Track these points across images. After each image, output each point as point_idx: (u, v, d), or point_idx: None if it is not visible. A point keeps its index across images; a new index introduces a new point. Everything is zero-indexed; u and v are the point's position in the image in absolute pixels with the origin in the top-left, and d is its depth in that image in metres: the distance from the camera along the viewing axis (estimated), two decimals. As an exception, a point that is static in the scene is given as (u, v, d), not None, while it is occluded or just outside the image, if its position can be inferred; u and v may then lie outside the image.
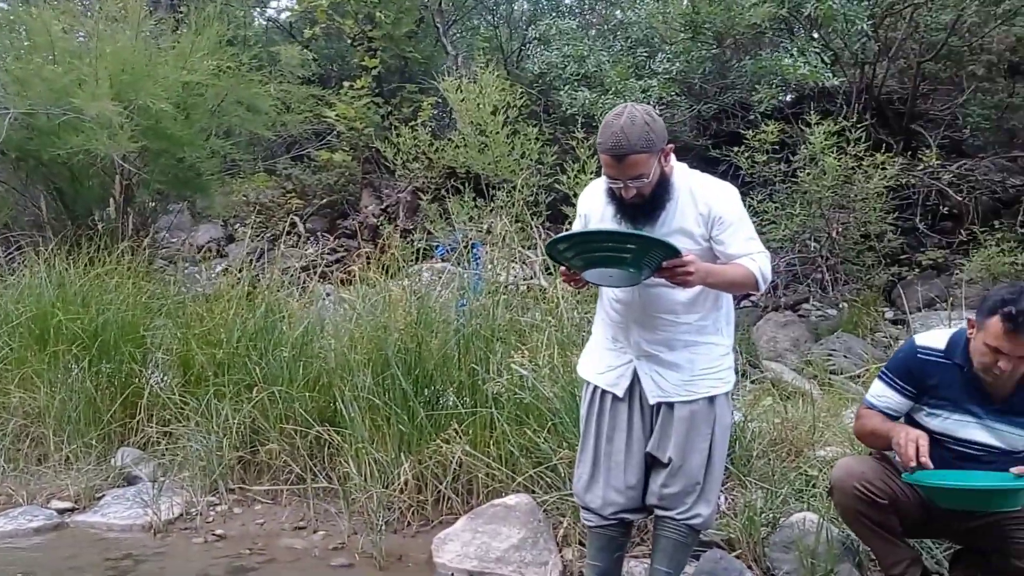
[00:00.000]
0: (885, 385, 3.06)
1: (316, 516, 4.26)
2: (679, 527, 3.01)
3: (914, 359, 3.01)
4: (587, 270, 2.82)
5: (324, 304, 5.34)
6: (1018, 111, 8.37)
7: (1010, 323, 2.72)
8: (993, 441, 2.93)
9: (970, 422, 2.95)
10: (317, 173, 9.56)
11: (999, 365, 2.78)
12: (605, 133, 2.81)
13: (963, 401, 2.94)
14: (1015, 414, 2.90)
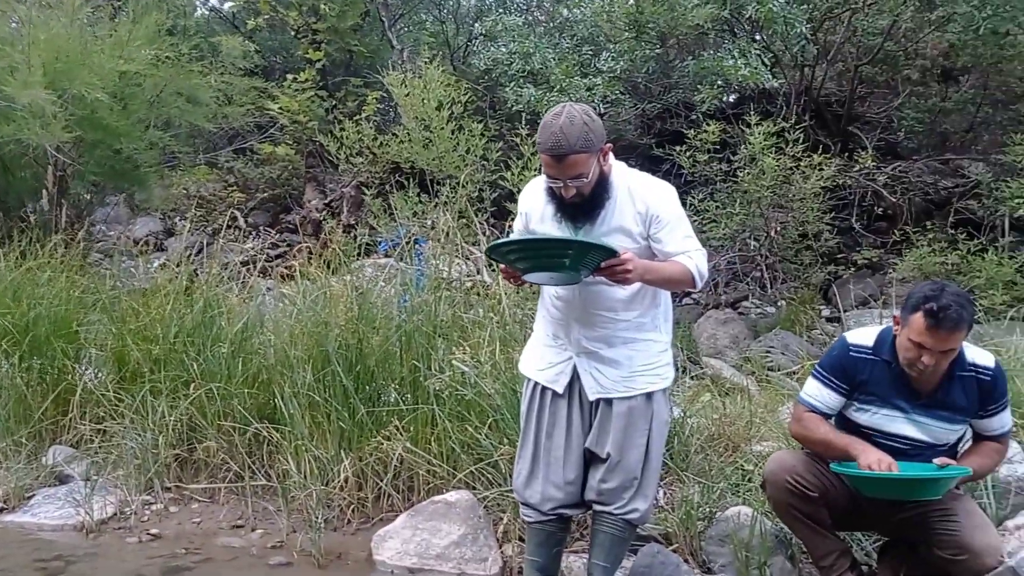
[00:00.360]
0: (820, 384, 3.12)
1: (254, 514, 4.21)
2: (616, 522, 3.05)
3: (846, 356, 3.08)
4: (528, 272, 2.85)
5: (264, 300, 5.27)
6: (950, 115, 8.61)
7: (932, 319, 2.81)
8: (919, 435, 3.02)
9: (897, 417, 3.03)
10: (260, 167, 9.44)
11: (923, 360, 2.86)
12: (544, 133, 2.83)
13: (891, 396, 3.02)
14: (939, 408, 2.99)
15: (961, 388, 2.98)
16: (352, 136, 7.78)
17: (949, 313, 2.79)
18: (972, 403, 2.99)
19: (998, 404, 3.01)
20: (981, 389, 2.98)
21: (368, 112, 8.22)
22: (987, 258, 6.43)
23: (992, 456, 3.07)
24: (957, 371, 2.97)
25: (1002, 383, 3.01)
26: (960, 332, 2.83)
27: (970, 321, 2.84)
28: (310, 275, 5.08)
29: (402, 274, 5.07)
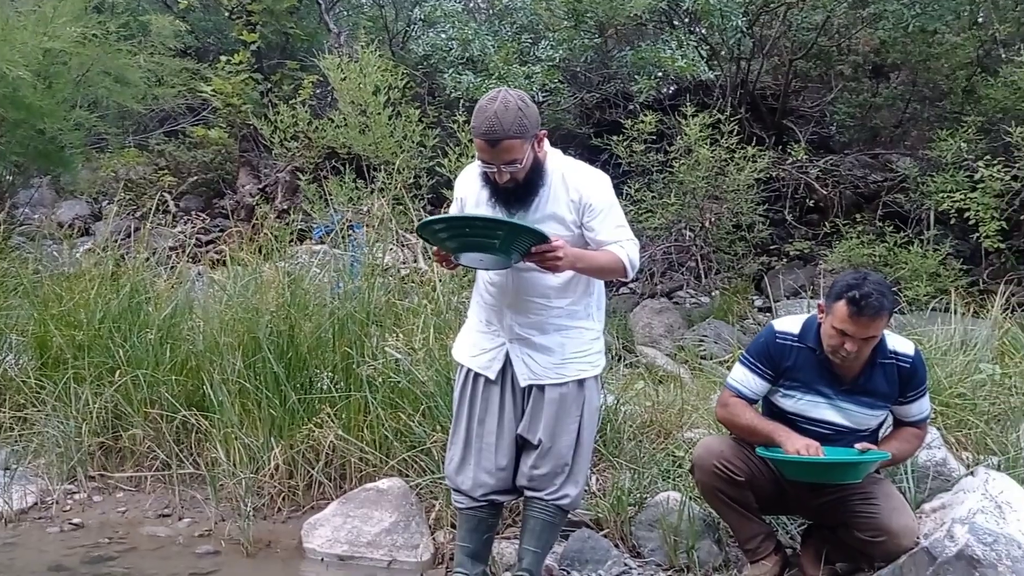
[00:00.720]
0: (747, 369, 3.18)
1: (182, 503, 4.14)
2: (548, 507, 3.07)
3: (773, 343, 3.14)
4: (459, 253, 2.83)
5: (194, 285, 5.16)
6: (880, 111, 8.81)
7: (854, 306, 2.88)
8: (841, 420, 3.10)
9: (821, 402, 3.10)
10: (192, 150, 9.22)
11: (846, 347, 2.93)
12: (479, 118, 2.82)
13: (815, 383, 3.09)
14: (861, 394, 3.07)
15: (882, 375, 3.06)
16: (287, 120, 7.65)
17: (871, 301, 2.86)
18: (893, 389, 3.08)
19: (917, 391, 3.10)
20: (901, 376, 3.07)
21: (304, 96, 8.08)
22: (912, 250, 6.61)
23: (911, 441, 3.16)
24: (879, 358, 3.05)
25: (921, 370, 3.10)
26: (881, 319, 2.90)
27: (891, 309, 2.91)
28: (242, 261, 4.99)
29: (336, 260, 5.02)
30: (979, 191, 6.51)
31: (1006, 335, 4.89)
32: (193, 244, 6.11)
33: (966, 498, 3.04)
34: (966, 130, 7.05)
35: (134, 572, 3.56)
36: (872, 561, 3.13)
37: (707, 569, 3.43)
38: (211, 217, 8.35)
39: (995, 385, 4.19)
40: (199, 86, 8.77)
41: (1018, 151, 6.54)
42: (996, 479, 3.08)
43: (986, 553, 2.77)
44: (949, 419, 4.03)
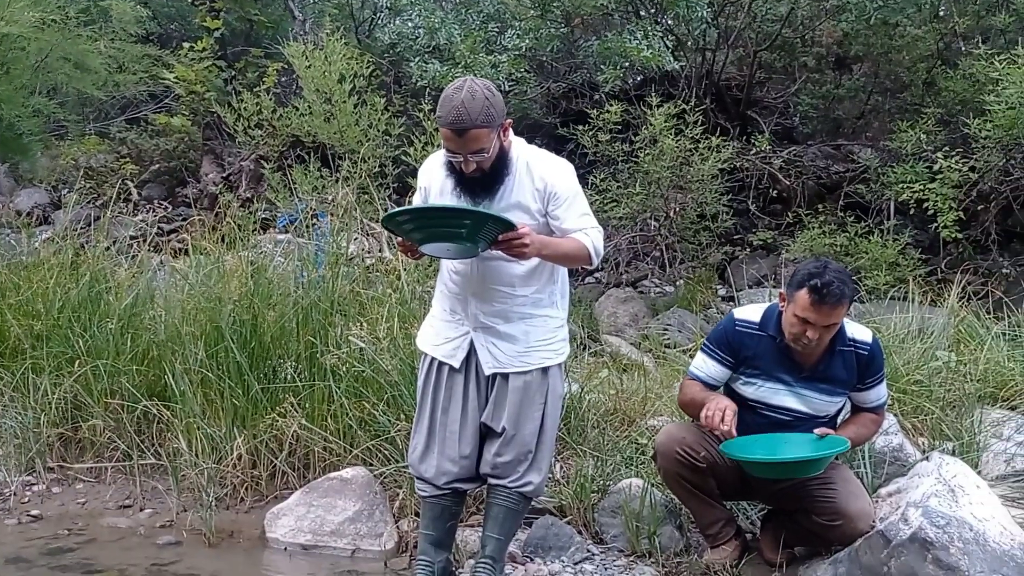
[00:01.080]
0: (706, 356, 3.23)
1: (143, 494, 4.11)
2: (511, 495, 3.08)
3: (733, 331, 3.19)
4: (425, 243, 2.83)
5: (155, 275, 5.11)
6: (843, 102, 8.90)
7: (816, 295, 2.92)
8: (801, 407, 3.15)
9: (781, 389, 3.15)
10: (154, 138, 9.08)
11: (807, 335, 2.98)
12: (445, 107, 2.81)
13: (775, 370, 3.14)
14: (820, 381, 3.12)
15: (841, 362, 3.11)
16: (251, 108, 7.57)
17: (832, 289, 2.90)
18: (851, 376, 3.13)
19: (875, 377, 3.16)
20: (860, 363, 3.12)
21: (268, 84, 8.01)
22: (872, 240, 6.70)
23: (869, 427, 3.22)
24: (838, 346, 3.10)
25: (879, 358, 3.16)
26: (842, 307, 2.95)
27: (851, 297, 2.97)
28: (204, 250, 4.95)
29: (300, 249, 4.99)
30: (938, 182, 6.61)
31: (962, 323, 4.98)
32: (155, 233, 6.04)
33: (921, 482, 3.10)
34: (926, 122, 7.16)
35: (94, 563, 3.53)
36: (829, 545, 3.19)
37: (668, 554, 3.47)
38: (174, 206, 8.25)
39: (951, 372, 4.27)
40: (161, 73, 8.65)
41: (976, 143, 6.65)
42: (950, 464, 3.15)
43: (939, 535, 2.83)
44: (906, 405, 4.11)
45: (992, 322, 5.06)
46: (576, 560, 3.46)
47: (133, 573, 3.46)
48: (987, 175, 6.71)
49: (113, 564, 3.53)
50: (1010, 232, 7.29)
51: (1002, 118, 6.27)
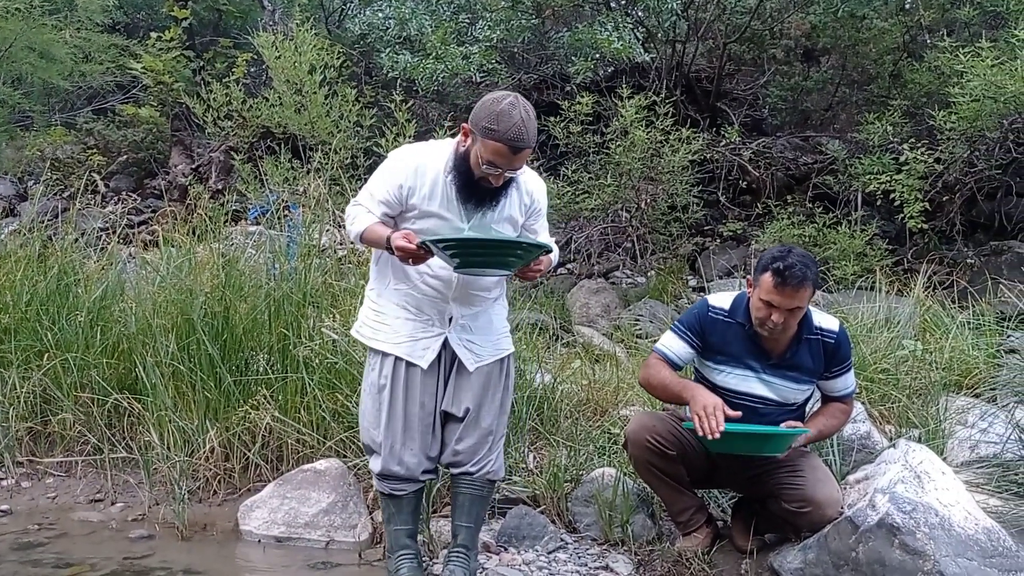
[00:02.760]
0: (675, 335, 3.27)
1: (114, 488, 4.08)
2: (475, 482, 3.16)
3: (705, 315, 3.24)
4: (461, 267, 2.85)
5: (125, 267, 5.06)
6: (811, 94, 8.99)
7: (779, 277, 2.97)
8: (769, 394, 3.19)
9: (749, 376, 3.19)
10: (122, 129, 8.98)
11: (772, 318, 3.02)
12: (505, 123, 2.78)
13: (743, 357, 3.18)
14: (788, 369, 3.17)
15: (808, 350, 3.16)
16: (220, 99, 7.50)
17: (794, 271, 2.95)
18: (818, 365, 3.18)
19: (842, 366, 3.21)
20: (826, 351, 3.17)
21: (238, 75, 7.94)
22: (840, 231, 6.78)
23: (838, 416, 3.27)
24: (805, 334, 3.15)
25: (846, 346, 3.21)
26: (805, 290, 2.99)
27: (814, 280, 3.01)
28: (175, 242, 4.91)
29: (272, 241, 4.96)
30: (904, 173, 6.70)
31: (927, 312, 5.08)
32: (124, 225, 5.97)
33: (888, 469, 3.15)
34: (892, 114, 7.25)
35: (65, 558, 3.49)
36: (799, 531, 3.24)
37: (641, 542, 3.51)
38: (143, 198, 8.16)
39: (917, 361, 4.35)
40: (128, 63, 8.55)
41: (941, 134, 6.74)
42: (916, 450, 3.20)
43: (905, 521, 2.88)
44: (873, 394, 4.19)
45: (957, 311, 5.16)
46: (550, 549, 3.48)
47: (105, 567, 3.43)
48: (952, 166, 6.81)
49: (84, 558, 3.49)
50: (974, 222, 7.41)
51: (966, 110, 6.37)
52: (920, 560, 2.83)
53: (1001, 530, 2.95)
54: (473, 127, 2.87)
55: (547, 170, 7.33)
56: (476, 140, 2.86)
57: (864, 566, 2.92)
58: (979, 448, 3.71)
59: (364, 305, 3.23)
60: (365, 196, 3.05)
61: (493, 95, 2.88)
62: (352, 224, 3.04)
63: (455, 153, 2.95)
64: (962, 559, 2.82)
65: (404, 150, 3.09)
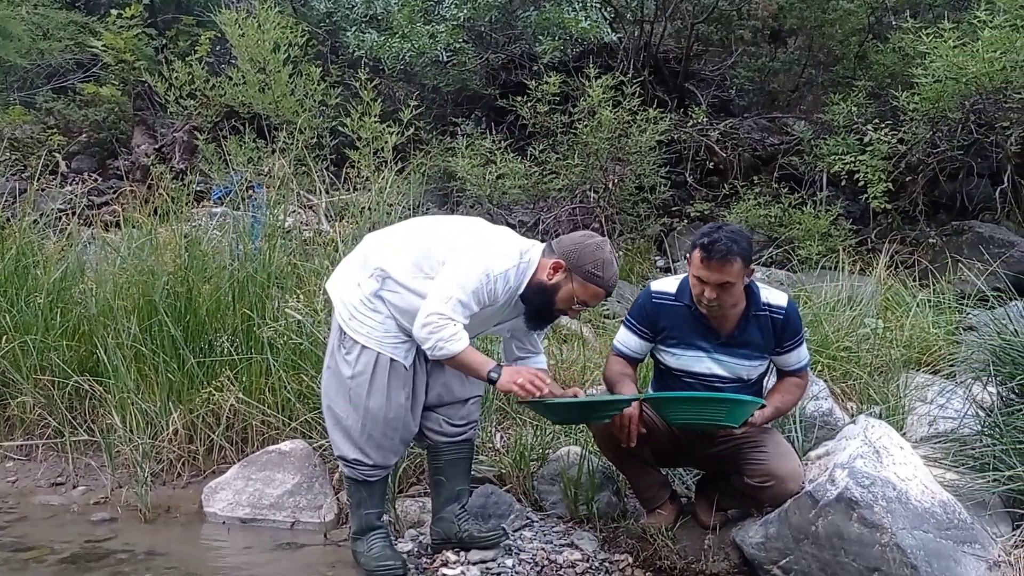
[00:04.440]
0: (627, 330, 3.31)
1: (76, 471, 4.05)
2: (463, 446, 3.29)
3: (650, 303, 3.25)
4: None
5: (85, 248, 4.99)
6: (778, 75, 9.01)
7: (704, 252, 3.00)
8: (723, 372, 3.22)
9: (701, 356, 3.22)
10: (83, 108, 8.81)
11: (705, 294, 3.05)
12: (609, 271, 3.06)
13: (693, 338, 3.21)
14: (738, 347, 3.20)
15: (757, 327, 3.19)
16: (183, 77, 7.39)
17: (718, 246, 2.98)
18: (768, 341, 3.21)
19: (793, 340, 3.24)
20: (776, 327, 3.20)
21: (201, 53, 7.81)
22: (806, 211, 6.83)
23: (794, 391, 3.31)
24: (753, 311, 3.17)
25: (796, 321, 3.24)
26: (731, 264, 2.99)
27: (742, 254, 3.01)
28: (136, 222, 4.85)
29: (236, 222, 4.91)
30: (868, 154, 6.75)
31: (889, 291, 5.14)
32: (85, 206, 5.88)
33: (848, 445, 3.19)
34: (857, 95, 7.29)
35: (26, 541, 3.47)
36: (761, 506, 3.28)
37: (606, 519, 3.54)
38: (104, 178, 8.02)
39: (878, 339, 4.40)
40: (88, 41, 8.38)
41: (904, 115, 6.80)
42: (875, 426, 3.25)
43: (863, 495, 2.93)
44: (835, 371, 4.23)
45: (918, 290, 5.23)
46: (516, 527, 3.50)
47: (65, 550, 3.41)
48: (915, 147, 6.87)
49: (45, 542, 3.47)
50: (936, 203, 7.49)
51: (929, 91, 6.43)
52: (877, 533, 2.88)
53: (957, 503, 3.01)
54: (573, 268, 3.02)
55: (514, 150, 7.30)
56: (572, 279, 3.02)
57: (823, 540, 2.97)
58: (937, 423, 3.77)
59: (360, 302, 3.13)
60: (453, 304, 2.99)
61: (592, 238, 3.09)
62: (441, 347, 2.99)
63: (532, 281, 3.07)
64: (918, 531, 2.88)
65: (497, 263, 3.06)
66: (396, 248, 3.13)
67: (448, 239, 3.10)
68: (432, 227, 3.22)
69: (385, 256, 3.10)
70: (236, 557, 3.41)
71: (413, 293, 3.04)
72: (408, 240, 3.15)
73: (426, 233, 3.17)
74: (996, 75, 6.11)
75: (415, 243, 3.12)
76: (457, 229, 3.18)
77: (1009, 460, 3.17)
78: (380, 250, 3.14)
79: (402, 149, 6.47)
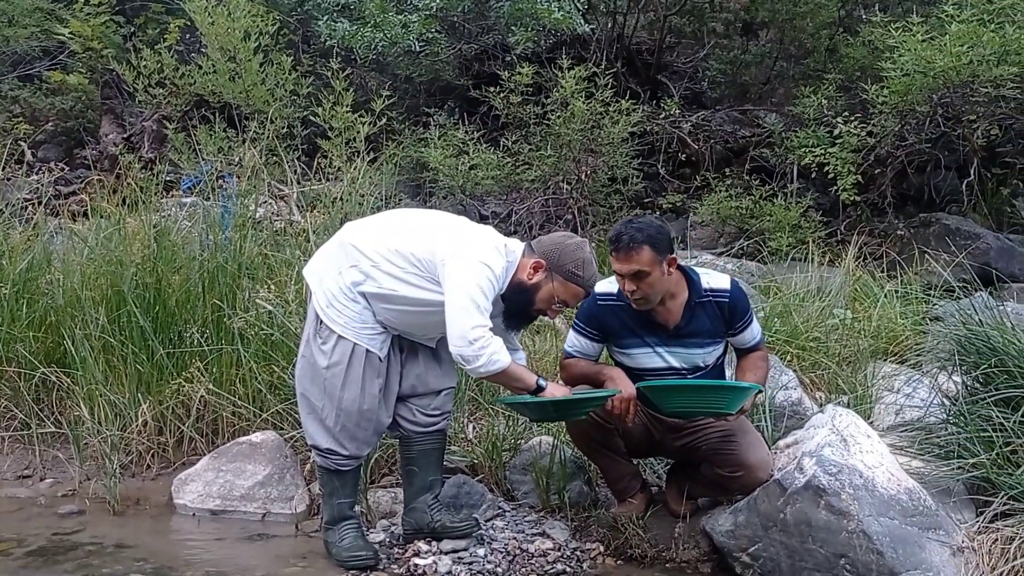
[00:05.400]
0: (576, 333, 3.34)
1: (43, 463, 4.01)
2: (436, 436, 3.29)
3: (595, 306, 3.28)
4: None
5: (52, 238, 4.92)
6: (750, 68, 9.06)
7: (612, 245, 3.08)
8: (679, 363, 3.26)
9: (653, 352, 3.24)
10: (49, 96, 8.67)
11: (626, 288, 3.08)
12: (589, 271, 3.10)
13: (643, 335, 3.24)
14: (687, 336, 3.24)
15: (704, 313, 3.22)
16: (152, 66, 7.29)
17: (623, 237, 3.04)
18: (717, 325, 3.24)
19: (744, 320, 3.28)
20: (722, 310, 3.23)
21: (170, 41, 7.71)
22: (776, 203, 6.87)
23: (761, 364, 3.35)
24: (695, 299, 3.20)
25: (742, 301, 3.28)
26: (637, 252, 3.02)
27: (650, 242, 3.03)
28: (104, 212, 4.79)
29: (207, 212, 4.87)
30: (838, 146, 6.81)
31: (857, 282, 5.20)
32: (51, 195, 5.80)
33: (816, 433, 3.23)
34: (827, 87, 7.35)
35: (-8, 535, 3.43)
36: (731, 495, 3.31)
37: (578, 509, 3.56)
38: (72, 168, 7.91)
39: (846, 329, 4.46)
40: (55, 28, 8.24)
41: (873, 108, 6.87)
42: (843, 415, 3.29)
43: (831, 482, 2.97)
44: (805, 361, 4.28)
45: (885, 281, 5.29)
46: (488, 517, 3.51)
47: (32, 543, 3.37)
48: (884, 140, 6.93)
49: (12, 535, 3.43)
50: (905, 195, 7.58)
51: (898, 85, 6.49)
52: (844, 520, 2.92)
53: (922, 490, 3.06)
54: (554, 267, 3.04)
55: (487, 141, 7.29)
56: (553, 279, 3.04)
57: (792, 527, 3.01)
58: (904, 412, 3.82)
59: (340, 291, 3.12)
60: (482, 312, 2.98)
61: (572, 238, 3.13)
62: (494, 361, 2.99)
63: (513, 281, 3.07)
64: (884, 518, 2.92)
65: (495, 260, 3.06)
66: (378, 239, 3.12)
67: (434, 236, 3.09)
68: (415, 221, 3.22)
69: (367, 247, 3.09)
70: (206, 549, 3.39)
71: (395, 280, 3.04)
72: (391, 232, 3.14)
73: (409, 226, 3.16)
74: (963, 69, 6.17)
75: (398, 235, 3.11)
76: (441, 226, 3.18)
77: (973, 448, 3.22)
78: (362, 240, 3.13)
79: (374, 139, 6.44)
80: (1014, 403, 3.26)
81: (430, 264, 3.03)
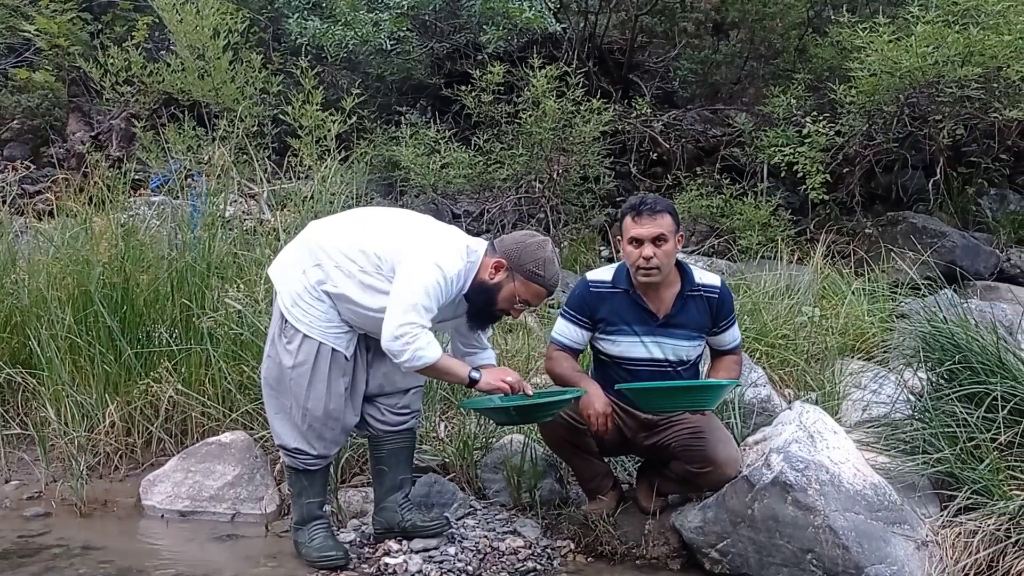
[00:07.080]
0: (566, 321, 3.33)
1: (8, 465, 3.97)
2: (406, 435, 3.30)
3: (588, 293, 3.30)
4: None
5: (17, 237, 4.86)
6: (720, 67, 9.11)
7: (635, 210, 3.15)
8: (663, 355, 3.28)
9: (640, 341, 3.27)
10: (15, 94, 8.56)
11: (643, 255, 3.11)
12: (551, 270, 3.10)
13: (632, 323, 3.26)
14: (675, 327, 3.27)
15: (693, 306, 3.26)
16: (119, 63, 7.21)
17: (647, 201, 3.14)
18: (705, 320, 3.28)
19: (728, 319, 3.33)
20: (711, 306, 3.28)
21: (138, 38, 7.63)
22: (746, 202, 6.93)
23: (734, 368, 3.39)
24: (687, 291, 3.25)
25: (729, 300, 3.33)
26: (662, 216, 3.13)
27: (669, 210, 3.17)
28: (71, 211, 4.73)
29: (175, 211, 4.83)
30: (807, 146, 6.87)
31: (826, 280, 5.25)
32: (16, 194, 5.72)
33: (783, 430, 3.27)
34: (796, 87, 7.41)
35: (-45, 538, 3.38)
36: (700, 491, 3.34)
37: (549, 507, 3.57)
38: (38, 166, 7.81)
39: (814, 326, 4.50)
40: (20, 25, 8.13)
41: (841, 108, 6.94)
42: (810, 411, 3.33)
43: (798, 478, 3.00)
44: (773, 359, 4.32)
45: (853, 278, 5.35)
46: (459, 516, 3.51)
47: (-2, 546, 3.33)
48: (852, 139, 7.00)
49: (-24, 538, 3.39)
50: (873, 194, 7.66)
51: (865, 84, 6.56)
52: (811, 515, 2.95)
53: (888, 485, 3.10)
54: (515, 267, 3.04)
55: (459, 140, 7.28)
56: (514, 279, 3.04)
57: (759, 522, 3.04)
58: (871, 408, 3.87)
59: (304, 290, 3.10)
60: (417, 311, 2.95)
61: (533, 238, 3.11)
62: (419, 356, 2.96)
63: (475, 281, 3.07)
64: (850, 513, 2.95)
65: (451, 262, 3.04)
66: (342, 238, 3.10)
67: (397, 236, 3.08)
68: (379, 220, 3.21)
69: (330, 246, 3.08)
70: (175, 550, 3.37)
71: (356, 284, 3.04)
72: (354, 231, 3.13)
73: (373, 225, 3.15)
74: (929, 69, 6.25)
75: (361, 234, 3.10)
76: (405, 225, 3.17)
77: (937, 443, 3.27)
78: (325, 239, 3.11)
79: (346, 138, 6.41)
80: (977, 399, 3.31)
81: (389, 263, 3.02)
